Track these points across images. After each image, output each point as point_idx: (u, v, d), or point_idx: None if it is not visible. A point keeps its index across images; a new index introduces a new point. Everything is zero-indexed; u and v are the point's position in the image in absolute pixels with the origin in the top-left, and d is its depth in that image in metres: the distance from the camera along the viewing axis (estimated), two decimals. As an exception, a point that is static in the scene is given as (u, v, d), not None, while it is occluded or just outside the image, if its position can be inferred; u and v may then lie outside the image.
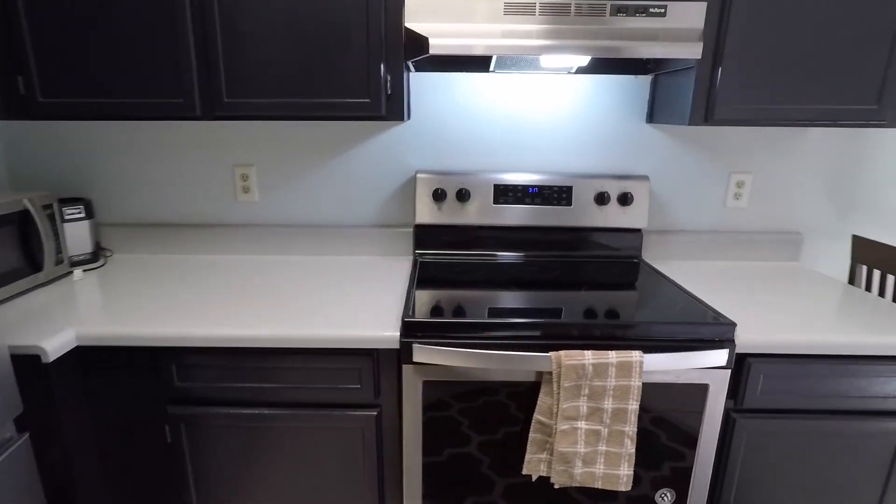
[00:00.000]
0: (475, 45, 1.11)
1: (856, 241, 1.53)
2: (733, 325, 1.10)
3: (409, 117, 1.52)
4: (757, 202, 1.63)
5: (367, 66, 1.21)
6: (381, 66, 1.21)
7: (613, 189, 1.52)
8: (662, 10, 1.17)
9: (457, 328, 1.10)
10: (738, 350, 1.11)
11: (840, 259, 1.68)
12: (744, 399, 1.16)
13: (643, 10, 1.17)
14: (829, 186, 1.62)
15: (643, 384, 1.12)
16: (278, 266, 1.52)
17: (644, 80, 1.53)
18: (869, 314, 1.24)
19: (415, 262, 1.53)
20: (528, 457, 1.14)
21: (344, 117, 1.25)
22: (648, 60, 1.38)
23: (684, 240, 1.63)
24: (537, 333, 1.10)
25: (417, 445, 1.17)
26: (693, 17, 1.17)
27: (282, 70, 1.21)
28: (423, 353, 1.08)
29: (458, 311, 1.15)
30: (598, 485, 1.13)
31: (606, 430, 1.09)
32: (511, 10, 1.17)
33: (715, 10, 1.21)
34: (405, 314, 1.11)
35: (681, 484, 1.21)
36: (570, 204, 1.52)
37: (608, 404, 1.08)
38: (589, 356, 1.05)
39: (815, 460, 1.21)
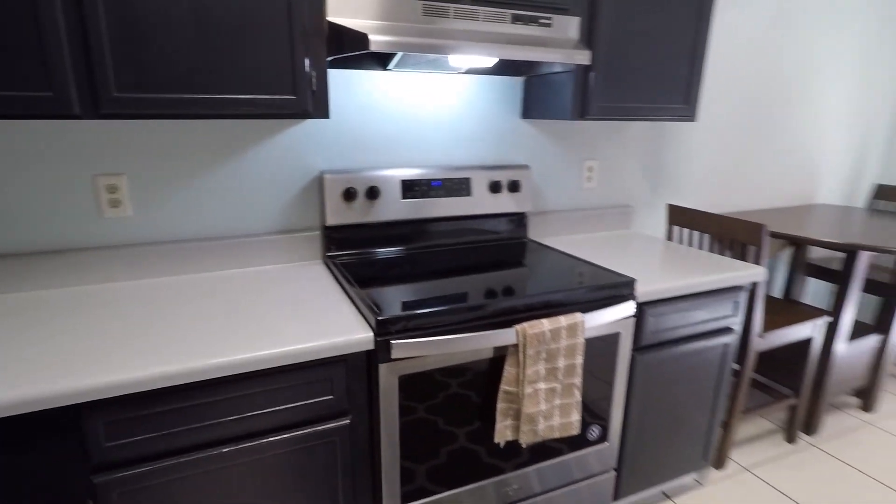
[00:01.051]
0: (419, 44, 1.13)
1: (669, 208, 2.00)
2: (634, 280, 1.37)
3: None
4: (602, 183, 1.99)
5: (291, 62, 1.13)
6: (307, 61, 1.15)
7: (504, 178, 1.70)
8: (549, 22, 1.37)
9: (430, 317, 1.13)
10: (638, 300, 1.39)
11: (658, 223, 2.18)
12: (641, 339, 1.45)
13: (535, 20, 1.35)
14: (645, 167, 2.07)
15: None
16: (176, 289, 1.30)
17: (517, 81, 1.73)
18: (693, 260, 1.65)
19: (328, 266, 1.48)
20: (498, 426, 1.23)
21: (266, 115, 1.14)
22: (526, 63, 1.58)
23: (554, 218, 1.90)
24: (503, 309, 1.20)
25: (395, 442, 1.16)
26: (572, 29, 1.39)
27: (189, 61, 1.05)
28: (402, 349, 1.08)
29: (418, 302, 1.17)
30: (556, 435, 1.29)
31: (560, 385, 1.25)
32: (429, 12, 1.23)
33: (586, 25, 1.45)
34: (375, 313, 1.09)
35: (604, 418, 1.45)
36: (469, 194, 1.65)
37: (561, 363, 1.24)
38: (546, 323, 1.20)
39: (684, 375, 1.58)
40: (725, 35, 2.07)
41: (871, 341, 2.21)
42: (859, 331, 2.23)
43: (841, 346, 2.07)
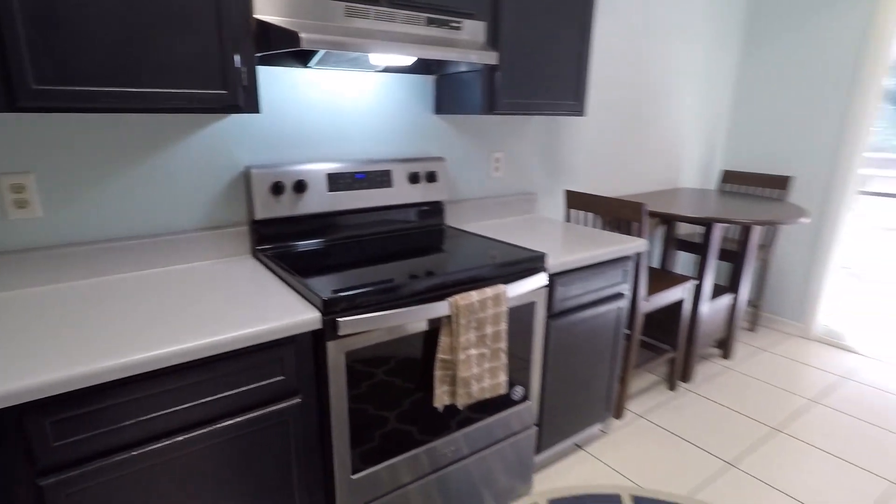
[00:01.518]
0: (349, 43, 1.21)
1: (566, 193, 2.25)
2: (544, 254, 1.56)
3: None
4: (508, 172, 2.19)
5: (221, 56, 1.16)
6: (237, 56, 1.18)
7: (421, 169, 1.82)
8: (459, 25, 1.52)
9: (372, 295, 1.22)
10: (549, 272, 1.58)
11: (558, 207, 2.43)
12: (553, 307, 1.65)
13: (446, 24, 1.49)
14: (545, 157, 2.31)
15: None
16: (102, 290, 1.26)
17: (429, 79, 1.86)
18: (589, 237, 1.90)
19: (260, 259, 1.50)
20: (436, 392, 1.35)
21: (198, 109, 1.16)
22: (437, 62, 1.72)
23: (468, 205, 2.06)
24: (436, 284, 1.32)
25: (344, 415, 1.24)
26: (479, 32, 1.55)
27: (117, 53, 1.04)
28: (349, 325, 1.16)
29: (357, 285, 1.26)
30: (488, 395, 1.44)
31: (489, 350, 1.41)
32: (351, 13, 1.32)
33: (490, 29, 1.62)
34: (321, 294, 1.16)
35: (525, 379, 1.64)
36: (391, 185, 1.75)
37: (489, 329, 1.39)
38: (475, 295, 1.34)
39: (588, 337, 1.82)
40: (604, 42, 2.37)
41: (726, 300, 2.65)
42: (717, 292, 2.67)
43: (705, 305, 2.47)
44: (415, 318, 1.27)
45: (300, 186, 1.54)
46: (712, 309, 2.57)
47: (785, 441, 2.10)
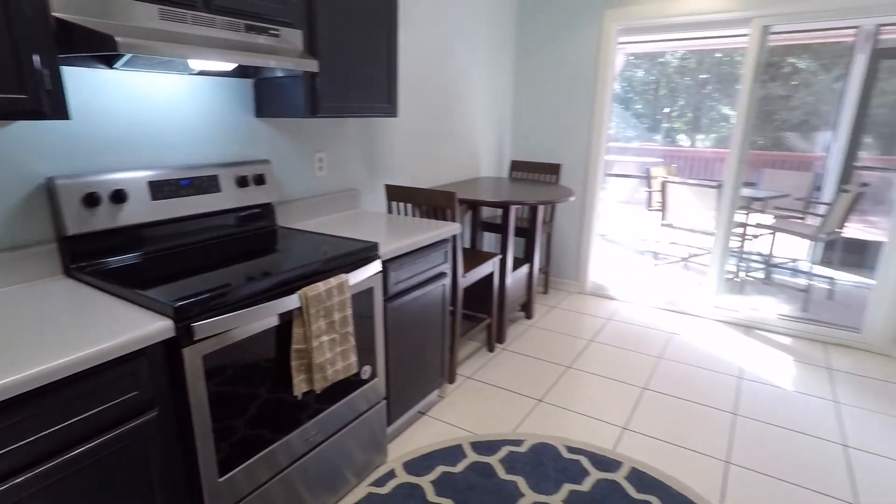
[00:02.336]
0: (167, 49, 1.20)
1: (387, 187, 2.46)
2: (377, 243, 1.74)
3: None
4: (332, 171, 2.31)
5: (15, 58, 1.06)
6: (36, 58, 1.08)
7: (249, 173, 1.83)
8: (278, 33, 1.59)
9: (224, 296, 1.25)
10: (382, 259, 1.77)
11: (380, 200, 2.63)
12: (388, 290, 1.85)
13: (265, 31, 1.55)
14: (364, 155, 2.48)
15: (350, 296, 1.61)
16: None
17: (248, 83, 1.87)
18: (411, 225, 2.14)
19: (78, 278, 1.38)
20: (294, 381, 1.44)
21: (-7, 116, 1.04)
22: (255, 67, 1.75)
23: (297, 205, 2.13)
24: (284, 280, 1.40)
25: (206, 419, 1.25)
26: (297, 40, 1.65)
27: None
28: (204, 329, 1.18)
29: (205, 290, 1.27)
30: (342, 376, 1.57)
31: (339, 335, 1.54)
32: (166, 17, 1.30)
33: (307, 37, 1.72)
34: (170, 302, 1.15)
35: (372, 359, 1.80)
36: (219, 190, 1.73)
37: (337, 316, 1.52)
38: (321, 285, 1.45)
39: (420, 315, 2.06)
40: (408, 51, 2.63)
41: (524, 270, 3.19)
42: (517, 264, 3.19)
43: (509, 276, 2.94)
44: (268, 314, 1.33)
45: (119, 196, 1.45)
46: (515, 278, 3.06)
47: (574, 374, 2.65)
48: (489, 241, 3.80)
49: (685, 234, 4.30)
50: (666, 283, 4.08)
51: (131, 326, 1.10)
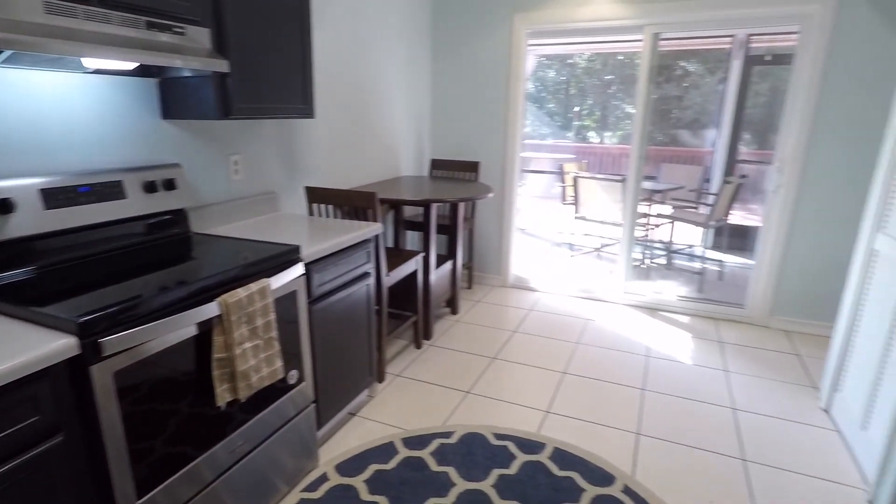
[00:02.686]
0: (52, 46, 1.11)
1: (307, 189, 2.42)
2: (298, 246, 1.72)
3: None
4: (248, 174, 2.23)
5: None
6: None
7: (158, 177, 1.74)
8: (183, 31, 1.52)
9: (135, 309, 1.19)
10: (305, 262, 1.75)
11: (301, 203, 2.57)
12: (312, 293, 1.83)
13: (169, 29, 1.48)
14: (282, 157, 2.42)
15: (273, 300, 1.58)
16: None
17: (152, 83, 1.77)
18: (333, 227, 2.13)
19: (-43, 298, 1.25)
20: (217, 391, 1.40)
21: None
22: (159, 67, 1.67)
23: (212, 210, 2.04)
24: (202, 287, 1.35)
25: (120, 440, 1.18)
26: (204, 38, 1.59)
27: None
28: (114, 344, 1.12)
29: (115, 302, 1.20)
30: (268, 382, 1.54)
31: (262, 341, 1.51)
32: (52, 11, 1.21)
33: (216, 36, 1.65)
34: (73, 317, 1.08)
35: (299, 363, 1.78)
36: (124, 197, 1.63)
37: (259, 321, 1.49)
38: (242, 291, 1.42)
39: (346, 315, 2.06)
40: (325, 51, 2.59)
41: (448, 266, 3.26)
42: (440, 260, 3.26)
43: (433, 273, 3.00)
44: (185, 324, 1.28)
45: (4, 206, 1.32)
46: (438, 275, 3.13)
47: (500, 365, 2.77)
48: (412, 239, 3.84)
49: (597, 225, 4.59)
50: (581, 272, 4.34)
51: (29, 347, 1.02)
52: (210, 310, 1.34)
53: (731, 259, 4.73)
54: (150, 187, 1.70)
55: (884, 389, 1.83)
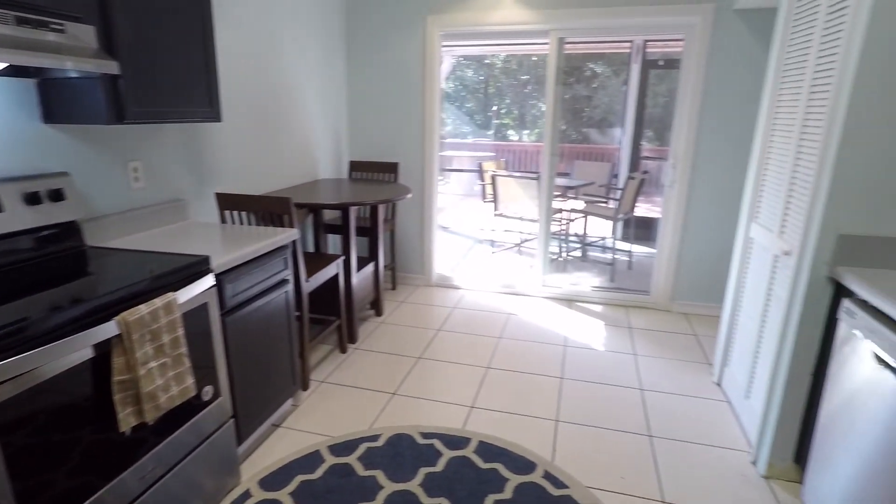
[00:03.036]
0: None
1: (217, 196, 2.31)
2: (208, 257, 1.65)
3: None
4: (151, 182, 2.10)
5: None
6: None
7: (42, 188, 1.59)
8: (62, 28, 1.41)
9: (20, 332, 1.09)
10: (215, 272, 1.68)
11: (212, 210, 2.45)
12: (225, 304, 1.76)
13: (45, 25, 1.37)
14: (189, 163, 2.29)
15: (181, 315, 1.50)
16: None
17: (28, 83, 1.61)
18: (247, 234, 2.06)
19: None
20: (120, 416, 1.31)
21: None
22: (36, 67, 1.53)
23: (111, 221, 1.90)
24: (97, 306, 1.26)
25: (3, 480, 1.08)
26: (89, 37, 1.47)
27: None
28: (-5, 375, 1.02)
29: (-6, 327, 1.10)
30: (178, 401, 1.47)
31: (170, 359, 1.43)
32: None
33: (103, 34, 1.54)
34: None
35: (213, 378, 1.71)
36: (1, 210, 1.48)
37: (166, 338, 1.41)
38: (144, 308, 1.34)
39: (264, 325, 2.00)
40: (234, 51, 2.48)
41: (370, 268, 3.25)
42: (362, 263, 3.24)
43: (354, 276, 2.98)
44: (80, 346, 1.20)
45: None
46: (361, 278, 3.11)
47: (425, 364, 2.80)
48: (334, 242, 3.79)
49: (516, 221, 4.75)
50: (503, 268, 4.48)
51: None
52: (108, 329, 1.26)
53: (639, 249, 5.09)
54: (32, 199, 1.56)
55: (760, 362, 2.06)
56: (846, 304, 1.52)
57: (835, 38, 1.65)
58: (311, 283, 2.48)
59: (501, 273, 4.27)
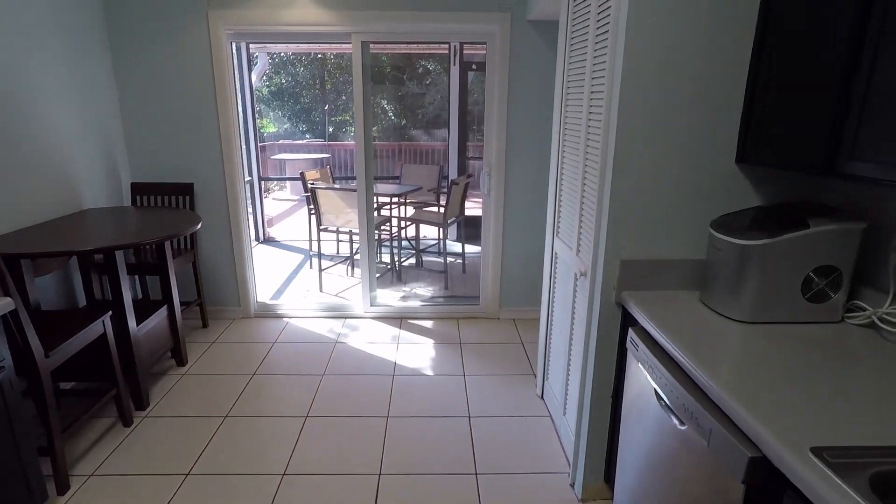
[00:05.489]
0: None
1: None
2: None
3: None
4: None
5: None
6: None
7: None
8: None
9: None
10: None
11: None
12: None
13: None
14: None
15: None
16: None
17: None
18: None
19: None
20: None
21: None
22: None
23: None
24: None
25: None
26: None
27: None
28: None
29: None
30: None
31: None
32: None
33: None
34: None
35: None
36: None
37: None
38: None
39: None
40: None
41: (162, 312, 2.71)
42: (153, 307, 2.69)
43: (135, 330, 2.43)
44: None
45: None
46: (149, 327, 2.57)
47: (233, 424, 2.39)
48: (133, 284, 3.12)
49: (344, 234, 4.45)
50: (333, 286, 4.17)
51: None
52: None
53: (473, 248, 5.13)
54: None
55: (571, 379, 2.07)
56: (630, 334, 1.52)
57: (603, 52, 1.63)
58: (56, 358, 1.92)
59: (330, 293, 3.96)
